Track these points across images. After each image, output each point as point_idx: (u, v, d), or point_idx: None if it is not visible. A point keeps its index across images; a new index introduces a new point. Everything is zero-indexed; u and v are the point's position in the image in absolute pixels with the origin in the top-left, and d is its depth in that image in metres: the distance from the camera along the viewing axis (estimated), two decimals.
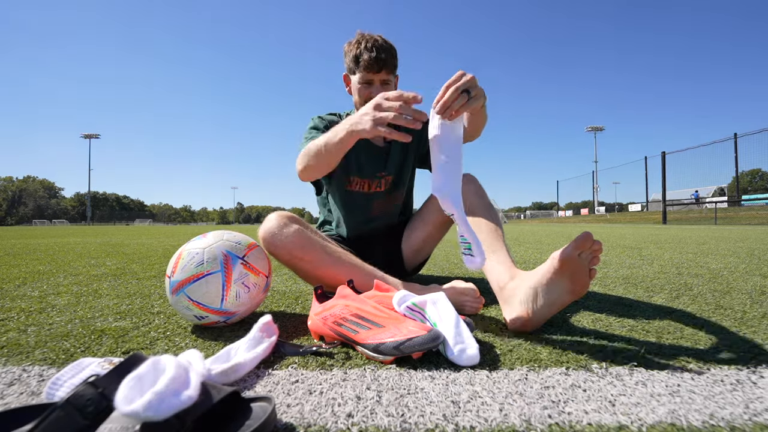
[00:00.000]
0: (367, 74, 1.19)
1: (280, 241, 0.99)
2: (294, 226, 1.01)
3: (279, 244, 1.00)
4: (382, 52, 1.16)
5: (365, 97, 1.20)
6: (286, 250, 1.00)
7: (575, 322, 0.92)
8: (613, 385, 0.58)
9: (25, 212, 74.34)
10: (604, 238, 4.77)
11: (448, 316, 0.72)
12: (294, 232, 1.00)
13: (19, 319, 1.01)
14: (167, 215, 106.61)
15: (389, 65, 1.19)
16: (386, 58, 1.17)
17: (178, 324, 0.95)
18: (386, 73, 1.20)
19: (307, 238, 1.01)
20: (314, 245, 1.01)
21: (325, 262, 1.01)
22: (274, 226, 1.01)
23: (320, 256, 1.00)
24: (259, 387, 0.59)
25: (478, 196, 1.13)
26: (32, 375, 0.64)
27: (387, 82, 1.21)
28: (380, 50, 1.16)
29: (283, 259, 1.02)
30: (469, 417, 0.49)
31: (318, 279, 1.03)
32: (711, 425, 0.47)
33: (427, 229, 1.31)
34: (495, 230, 1.04)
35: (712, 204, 15.96)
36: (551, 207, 72.79)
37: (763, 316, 0.98)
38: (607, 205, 43.07)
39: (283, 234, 0.99)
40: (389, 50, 1.19)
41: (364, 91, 1.21)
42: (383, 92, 0.80)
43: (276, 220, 1.02)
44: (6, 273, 1.88)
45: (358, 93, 1.22)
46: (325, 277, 1.02)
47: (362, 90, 1.21)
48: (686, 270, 1.82)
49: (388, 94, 0.78)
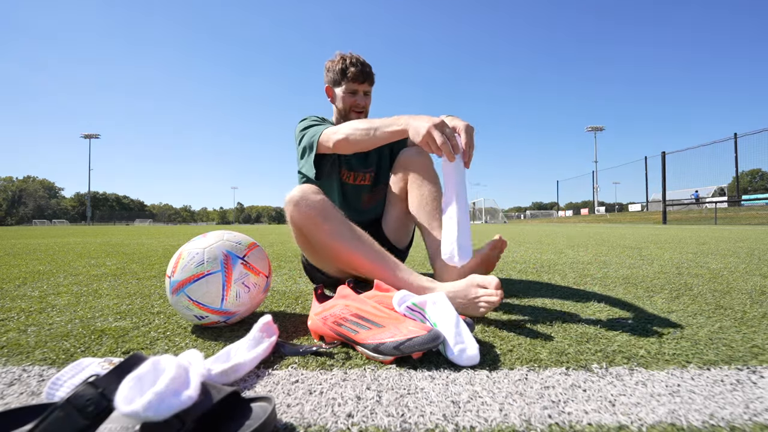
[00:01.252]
0: (352, 84, 1.38)
1: (307, 204, 1.06)
2: (321, 195, 1.10)
3: (305, 207, 1.06)
4: (366, 67, 1.39)
5: (350, 104, 1.40)
6: (310, 215, 1.06)
7: (575, 322, 0.92)
8: (613, 385, 0.58)
9: (25, 212, 74.35)
10: (605, 238, 4.77)
11: (448, 316, 0.72)
12: (321, 200, 1.08)
13: (19, 319, 1.01)
14: (167, 215, 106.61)
15: (370, 78, 1.41)
16: (369, 72, 1.40)
17: (178, 324, 0.95)
18: (368, 85, 1.41)
19: (332, 207, 1.09)
20: (337, 215, 1.08)
21: (343, 235, 1.05)
22: (306, 190, 1.09)
23: (339, 227, 1.06)
24: (259, 387, 0.59)
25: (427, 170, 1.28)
26: (32, 375, 0.64)
27: (368, 93, 1.42)
28: (364, 65, 1.39)
29: (303, 224, 1.08)
30: (469, 417, 0.49)
31: (331, 251, 1.07)
32: (711, 425, 0.47)
33: (399, 206, 1.39)
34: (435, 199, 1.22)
35: (712, 204, 15.95)
36: (551, 207, 72.78)
37: (763, 316, 0.98)
38: (607, 205, 43.06)
39: (311, 198, 1.07)
40: (370, 67, 1.41)
41: (349, 99, 1.40)
42: (450, 116, 1.00)
43: (308, 186, 1.11)
44: (6, 273, 1.88)
45: (343, 101, 1.40)
46: (339, 251, 1.05)
47: (348, 98, 1.40)
48: (686, 270, 1.82)
49: (456, 123, 0.95)
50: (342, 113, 1.43)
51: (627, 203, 36.42)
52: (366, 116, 1.44)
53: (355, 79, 1.36)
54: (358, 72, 1.36)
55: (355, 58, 1.38)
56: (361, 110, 1.42)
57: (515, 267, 2.02)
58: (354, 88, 1.38)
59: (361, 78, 1.37)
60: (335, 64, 1.39)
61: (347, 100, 1.40)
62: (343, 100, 1.40)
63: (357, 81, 1.37)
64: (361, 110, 1.42)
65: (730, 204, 16.56)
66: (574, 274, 1.74)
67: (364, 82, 1.38)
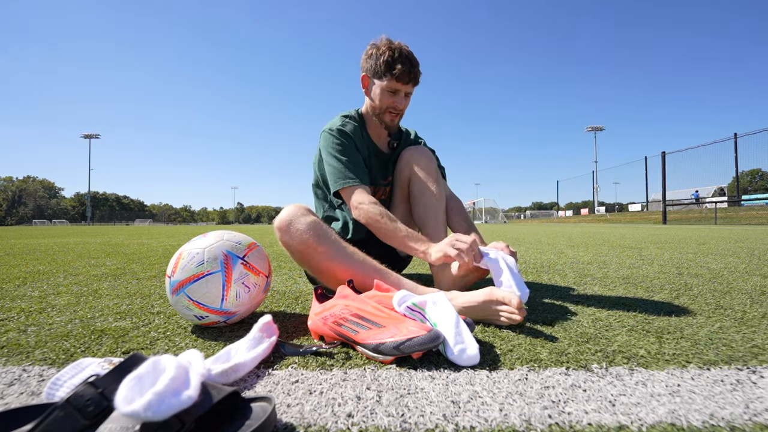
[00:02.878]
0: (396, 83, 1.21)
1: (297, 229, 1.02)
2: (311, 216, 1.05)
3: (295, 232, 1.02)
4: (415, 66, 1.21)
5: (388, 105, 1.25)
6: (303, 239, 1.01)
7: (575, 322, 0.92)
8: (613, 385, 0.58)
9: (25, 212, 74.34)
10: (605, 238, 4.77)
11: (448, 316, 0.72)
12: (312, 221, 1.03)
13: (19, 319, 1.01)
14: (167, 215, 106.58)
15: (416, 79, 1.24)
16: (417, 73, 1.23)
17: (178, 324, 0.95)
18: (412, 86, 1.25)
19: (324, 229, 1.04)
20: (329, 236, 1.03)
21: (339, 254, 1.02)
22: (293, 214, 1.04)
23: (335, 248, 1.02)
24: (259, 387, 0.59)
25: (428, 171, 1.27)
26: (32, 375, 0.64)
27: (409, 94, 1.27)
28: (413, 63, 1.21)
29: (297, 249, 1.03)
30: (469, 417, 0.49)
31: (328, 271, 1.03)
32: (711, 425, 0.47)
33: (401, 208, 1.37)
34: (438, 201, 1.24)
35: (712, 204, 15.95)
36: (551, 207, 72.79)
37: (763, 316, 0.98)
38: (607, 205, 43.07)
39: (301, 222, 1.02)
40: (418, 65, 1.23)
41: (388, 99, 1.25)
42: (463, 236, 1.00)
43: (295, 208, 1.06)
44: (6, 273, 1.88)
45: (381, 99, 1.25)
46: (337, 270, 1.02)
47: (386, 97, 1.24)
48: (686, 270, 1.82)
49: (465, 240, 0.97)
50: (376, 111, 1.29)
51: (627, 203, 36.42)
52: (400, 118, 1.32)
53: (400, 78, 1.19)
54: (406, 71, 1.19)
55: (406, 53, 1.20)
56: (398, 113, 1.28)
57: None
58: (396, 87, 1.22)
59: (407, 78, 1.20)
60: (381, 52, 1.20)
61: (386, 99, 1.24)
62: (381, 98, 1.25)
63: (402, 81, 1.20)
64: (397, 113, 1.28)
65: (730, 204, 16.56)
66: (574, 274, 1.74)
67: (409, 83, 1.23)
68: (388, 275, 1.02)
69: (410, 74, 1.20)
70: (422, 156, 1.30)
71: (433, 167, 1.29)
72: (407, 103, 1.29)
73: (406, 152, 1.33)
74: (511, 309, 0.85)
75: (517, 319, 0.85)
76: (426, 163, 1.28)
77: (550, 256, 2.60)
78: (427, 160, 1.29)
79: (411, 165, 1.30)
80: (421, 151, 1.31)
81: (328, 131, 1.28)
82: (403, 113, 1.32)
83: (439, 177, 1.30)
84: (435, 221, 1.24)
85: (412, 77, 1.22)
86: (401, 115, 1.31)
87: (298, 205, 1.08)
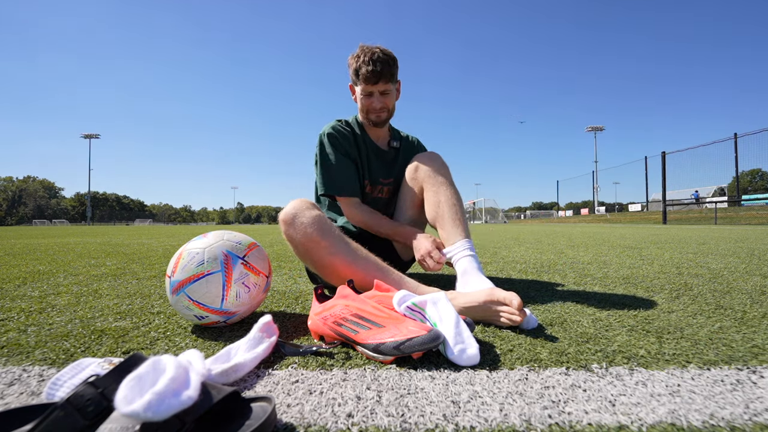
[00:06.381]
0: (366, 86, 1.27)
1: (301, 222, 1.03)
2: (316, 210, 1.07)
3: (300, 226, 1.03)
4: (379, 65, 1.22)
5: (367, 106, 1.31)
6: (306, 233, 1.02)
7: (575, 322, 0.92)
8: (613, 385, 0.58)
9: (25, 212, 74.34)
10: (605, 238, 4.77)
11: (448, 316, 0.72)
12: (316, 216, 1.05)
13: (19, 319, 1.01)
14: (167, 215, 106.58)
15: (386, 76, 1.25)
16: (382, 70, 1.23)
17: (178, 324, 0.95)
18: (384, 84, 1.27)
19: (328, 223, 1.05)
20: (333, 231, 1.05)
21: (342, 250, 1.03)
22: (298, 207, 1.05)
23: (338, 243, 1.03)
24: (259, 387, 0.59)
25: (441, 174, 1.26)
26: (32, 375, 0.64)
27: (386, 92, 1.29)
28: (377, 63, 1.22)
29: (300, 242, 1.03)
30: (469, 417, 0.49)
31: (330, 266, 1.04)
32: (711, 425, 0.47)
33: (408, 214, 1.38)
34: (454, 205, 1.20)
35: (712, 204, 15.94)
36: (551, 207, 72.77)
37: (763, 316, 0.98)
38: (608, 205, 43.05)
39: (306, 216, 1.04)
40: (386, 62, 1.24)
41: (365, 101, 1.30)
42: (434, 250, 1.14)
43: (300, 203, 1.07)
44: (6, 273, 1.88)
45: (361, 102, 1.31)
46: (338, 265, 1.03)
47: (364, 100, 1.30)
48: (686, 270, 1.82)
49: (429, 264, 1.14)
50: (362, 114, 1.35)
51: (627, 203, 36.41)
52: (390, 116, 1.36)
53: (368, 80, 1.24)
54: (369, 73, 1.22)
55: (369, 55, 1.23)
56: (380, 112, 1.31)
57: (515, 267, 2.02)
58: (369, 89, 1.27)
59: (373, 79, 1.24)
60: (353, 61, 1.26)
61: (364, 101, 1.30)
62: (360, 102, 1.31)
63: (370, 82, 1.25)
64: (379, 112, 1.31)
65: (730, 204, 16.55)
66: (574, 274, 1.74)
67: (377, 82, 1.25)
68: (390, 273, 1.03)
69: (375, 74, 1.23)
70: (433, 162, 1.28)
71: (445, 171, 1.27)
72: (389, 100, 1.31)
73: (416, 159, 1.31)
74: (512, 309, 0.85)
75: (517, 320, 0.85)
76: (438, 168, 1.27)
77: (550, 256, 2.60)
78: (439, 165, 1.28)
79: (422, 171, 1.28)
80: (432, 158, 1.29)
81: (320, 136, 1.36)
82: (391, 110, 1.35)
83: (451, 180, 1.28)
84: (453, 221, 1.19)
85: (379, 76, 1.23)
86: (387, 111, 1.33)
87: (303, 199, 1.10)
